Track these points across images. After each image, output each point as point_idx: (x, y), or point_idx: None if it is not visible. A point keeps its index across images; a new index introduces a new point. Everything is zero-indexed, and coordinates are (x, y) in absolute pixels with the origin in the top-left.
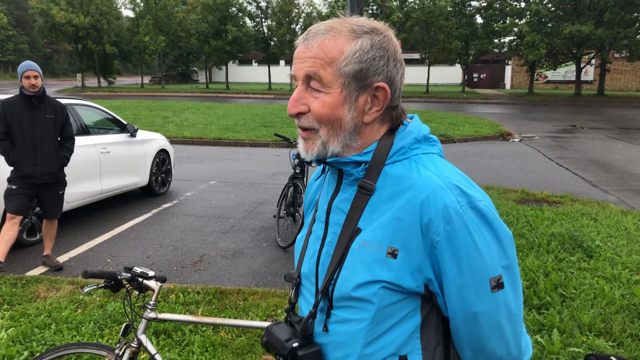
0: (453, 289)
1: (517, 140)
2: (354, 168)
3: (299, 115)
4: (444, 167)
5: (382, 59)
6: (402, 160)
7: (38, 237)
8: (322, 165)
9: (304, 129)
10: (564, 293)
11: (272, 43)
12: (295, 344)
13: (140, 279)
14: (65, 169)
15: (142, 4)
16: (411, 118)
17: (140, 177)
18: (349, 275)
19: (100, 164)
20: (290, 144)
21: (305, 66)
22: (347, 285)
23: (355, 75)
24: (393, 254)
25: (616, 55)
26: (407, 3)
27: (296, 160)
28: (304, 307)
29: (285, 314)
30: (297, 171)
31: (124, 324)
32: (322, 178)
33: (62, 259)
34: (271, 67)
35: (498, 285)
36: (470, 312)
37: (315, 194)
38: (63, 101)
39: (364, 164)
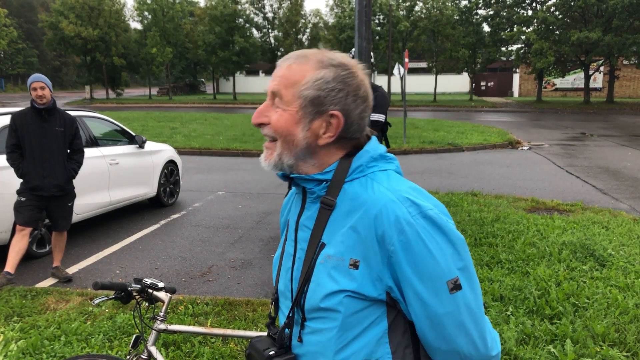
0: (413, 295)
1: (526, 148)
2: (316, 186)
3: (261, 125)
4: (396, 182)
5: (341, 92)
6: (359, 177)
7: (47, 248)
8: (289, 184)
9: (270, 140)
10: (576, 302)
11: (279, 53)
12: (271, 352)
13: (150, 290)
14: (74, 181)
15: (149, 16)
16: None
17: (148, 188)
18: (316, 287)
19: (108, 176)
20: None
21: (273, 84)
22: (315, 297)
23: (312, 100)
24: (355, 265)
25: (625, 62)
26: (413, 12)
27: None
28: (283, 321)
29: (267, 328)
30: None
31: (134, 336)
32: (294, 200)
33: (71, 270)
34: None
35: (456, 286)
36: (432, 314)
37: (288, 215)
38: (72, 113)
39: (325, 182)
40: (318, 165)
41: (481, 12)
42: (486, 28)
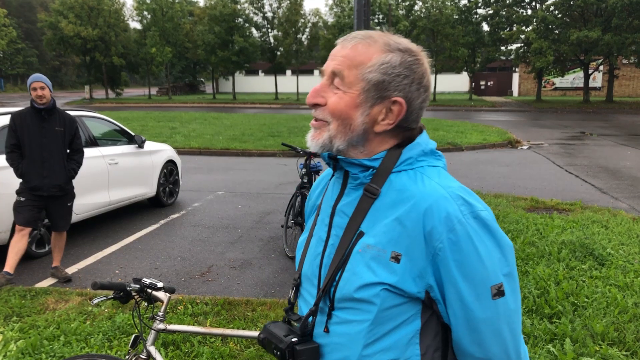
0: (455, 296)
1: (525, 147)
2: (361, 172)
3: (315, 106)
4: (447, 179)
5: (407, 79)
6: (407, 170)
7: (47, 248)
8: (329, 168)
9: (317, 120)
10: (575, 302)
11: (279, 53)
12: (294, 339)
13: (149, 290)
14: (74, 181)
15: (149, 16)
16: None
17: (148, 188)
18: (352, 277)
19: (108, 175)
20: (297, 153)
21: (334, 63)
22: (349, 287)
23: (376, 84)
24: (396, 259)
25: (624, 61)
26: (413, 11)
27: (304, 170)
28: (304, 307)
29: (284, 314)
30: (305, 180)
31: (133, 335)
32: (325, 184)
33: (70, 270)
34: (278, 77)
35: (499, 292)
36: (471, 318)
37: (317, 199)
38: (71, 113)
39: (371, 169)
40: (367, 153)
41: (480, 11)
42: (485, 27)
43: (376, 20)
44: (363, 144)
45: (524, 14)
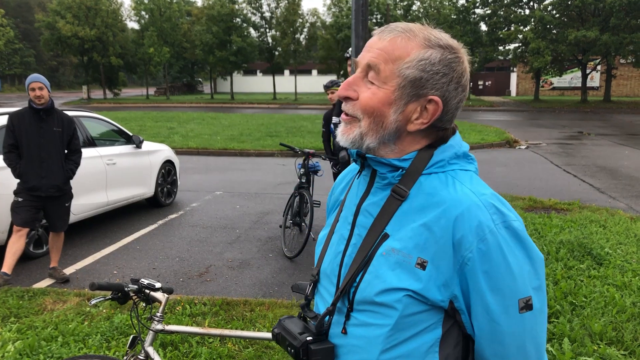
0: (481, 307)
1: (523, 147)
2: (390, 172)
3: (346, 99)
4: (479, 185)
5: (445, 77)
6: (438, 173)
7: (45, 249)
8: (354, 164)
9: (347, 115)
10: (574, 301)
11: (277, 53)
12: (309, 338)
13: (148, 291)
14: (72, 181)
15: (147, 16)
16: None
17: (146, 188)
18: (373, 280)
19: (106, 176)
20: (296, 153)
21: (370, 55)
22: (370, 290)
23: (413, 80)
24: (422, 265)
25: (622, 61)
26: (411, 11)
27: (302, 170)
28: (321, 305)
29: (300, 309)
30: (303, 181)
31: (131, 336)
32: (350, 180)
33: (68, 271)
34: (276, 77)
35: (527, 306)
36: (496, 331)
37: (340, 195)
38: (69, 113)
39: (400, 170)
40: (397, 151)
41: (479, 11)
42: (483, 27)
43: (374, 20)
44: (394, 142)
45: (522, 13)
